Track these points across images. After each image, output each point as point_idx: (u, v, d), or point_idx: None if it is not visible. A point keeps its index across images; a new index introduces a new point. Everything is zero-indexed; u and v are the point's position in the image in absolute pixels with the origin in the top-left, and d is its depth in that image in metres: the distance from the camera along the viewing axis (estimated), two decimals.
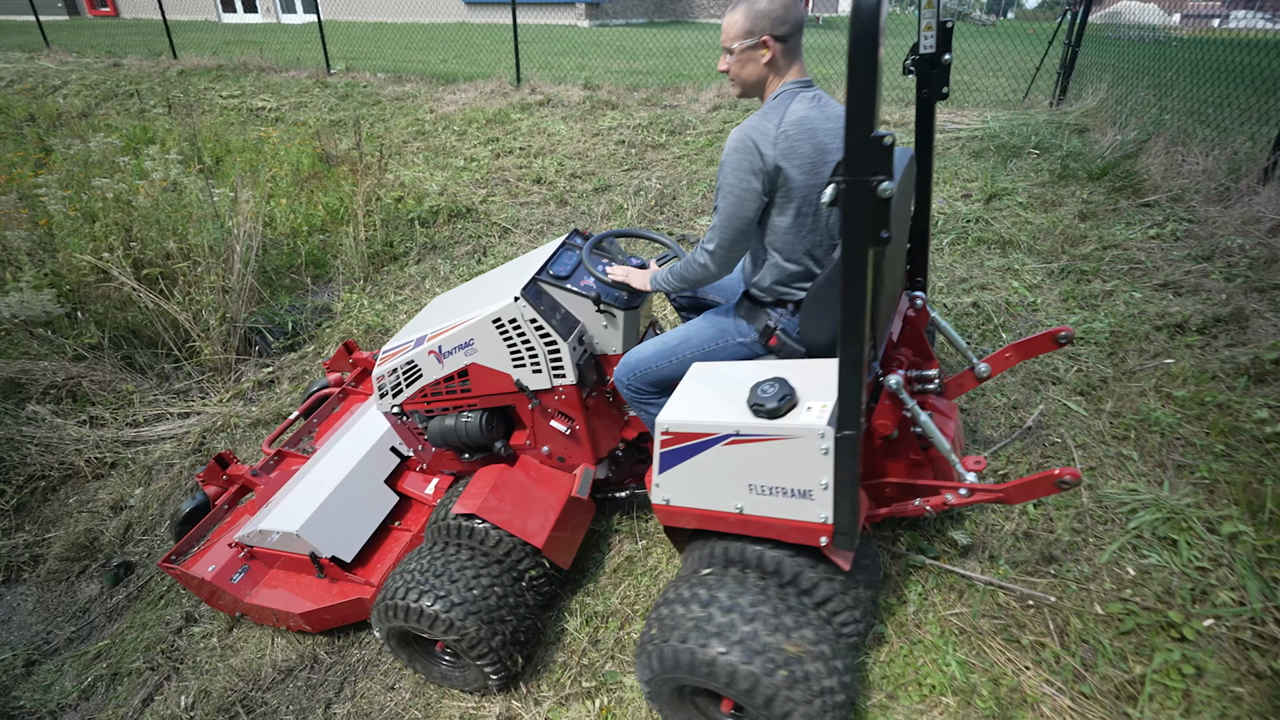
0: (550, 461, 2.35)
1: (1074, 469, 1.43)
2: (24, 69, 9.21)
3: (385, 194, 5.43)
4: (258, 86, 7.95)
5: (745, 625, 1.50)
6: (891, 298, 1.78)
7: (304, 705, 2.35)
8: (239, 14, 22.49)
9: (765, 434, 1.51)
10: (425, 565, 2.07)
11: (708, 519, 1.67)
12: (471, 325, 2.10)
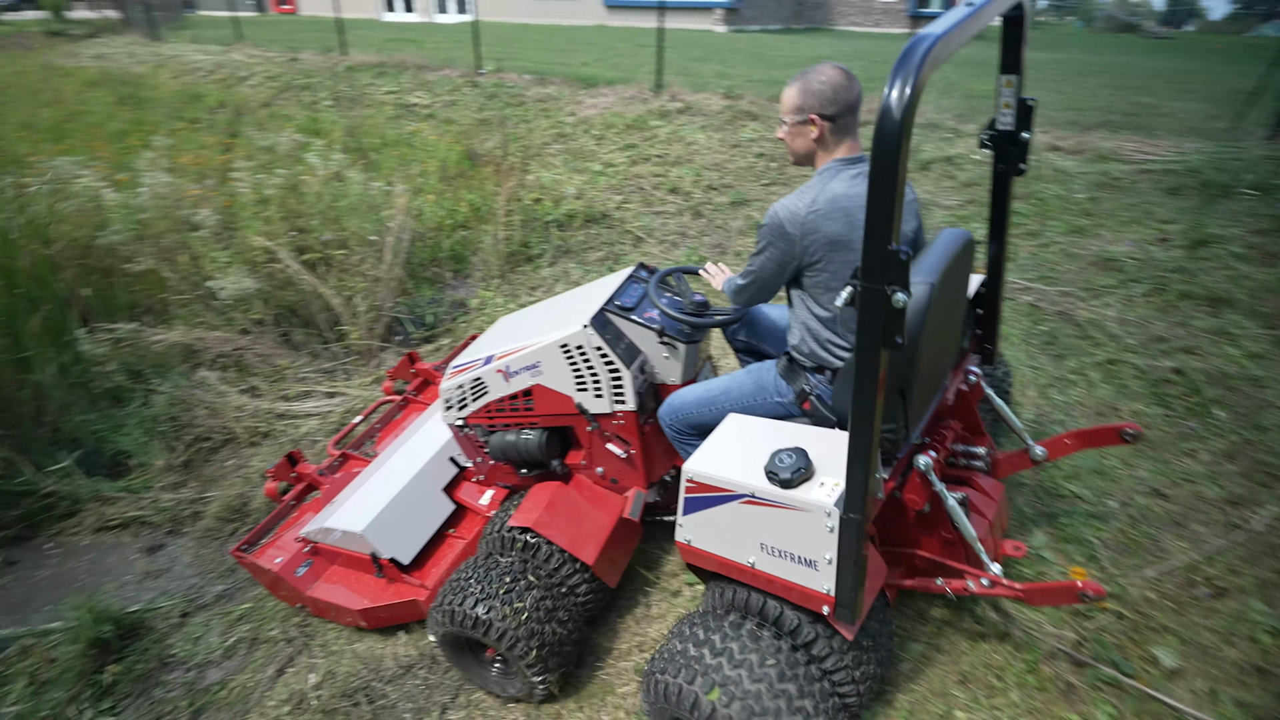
0: (603, 482, 2.45)
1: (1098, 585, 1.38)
2: (220, 60, 10.28)
3: (525, 195, 5.55)
4: (414, 83, 8.43)
5: (731, 670, 1.58)
6: (937, 377, 1.79)
7: (421, 705, 2.38)
8: (397, 12, 24.15)
9: (777, 501, 1.56)
10: (480, 573, 2.17)
11: (723, 565, 1.73)
12: (539, 349, 2.23)
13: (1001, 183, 1.86)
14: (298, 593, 2.63)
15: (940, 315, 1.59)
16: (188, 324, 4.41)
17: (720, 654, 1.62)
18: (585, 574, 2.26)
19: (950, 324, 1.78)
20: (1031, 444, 1.97)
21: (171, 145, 6.58)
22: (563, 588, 2.23)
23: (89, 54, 12.69)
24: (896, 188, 1.11)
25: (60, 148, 7.02)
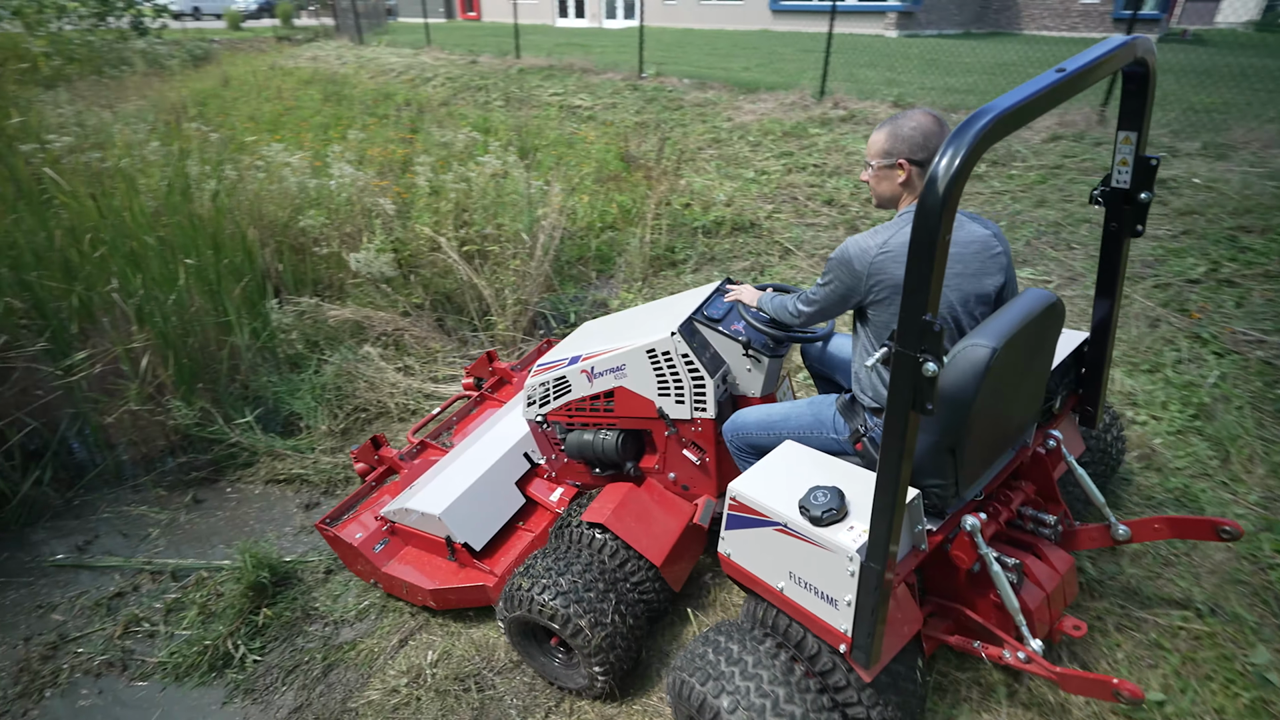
0: (674, 488, 2.50)
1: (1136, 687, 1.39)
2: (410, 62, 11.27)
3: (675, 199, 5.53)
4: (578, 86, 8.72)
5: (741, 681, 1.66)
6: (1003, 438, 1.77)
7: (526, 704, 2.39)
8: (569, 18, 25.30)
9: (806, 536, 1.58)
10: (550, 564, 2.24)
11: (756, 584, 1.76)
12: (626, 352, 2.31)
13: (1113, 243, 1.75)
14: (374, 568, 2.77)
15: (1006, 379, 1.57)
16: (359, 303, 4.82)
17: (735, 664, 1.70)
18: (651, 574, 2.32)
19: (1024, 387, 1.73)
20: (1114, 521, 1.90)
21: (362, 139, 7.28)
22: (628, 585, 2.29)
23: (306, 56, 14.42)
24: (936, 259, 1.10)
25: (275, 137, 8.00)
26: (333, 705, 2.56)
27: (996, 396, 1.58)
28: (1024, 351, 1.61)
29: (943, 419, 1.55)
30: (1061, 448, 1.91)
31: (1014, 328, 1.53)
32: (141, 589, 3.15)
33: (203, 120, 9.15)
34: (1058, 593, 1.79)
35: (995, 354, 1.47)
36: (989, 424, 1.63)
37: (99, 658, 2.80)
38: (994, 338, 1.49)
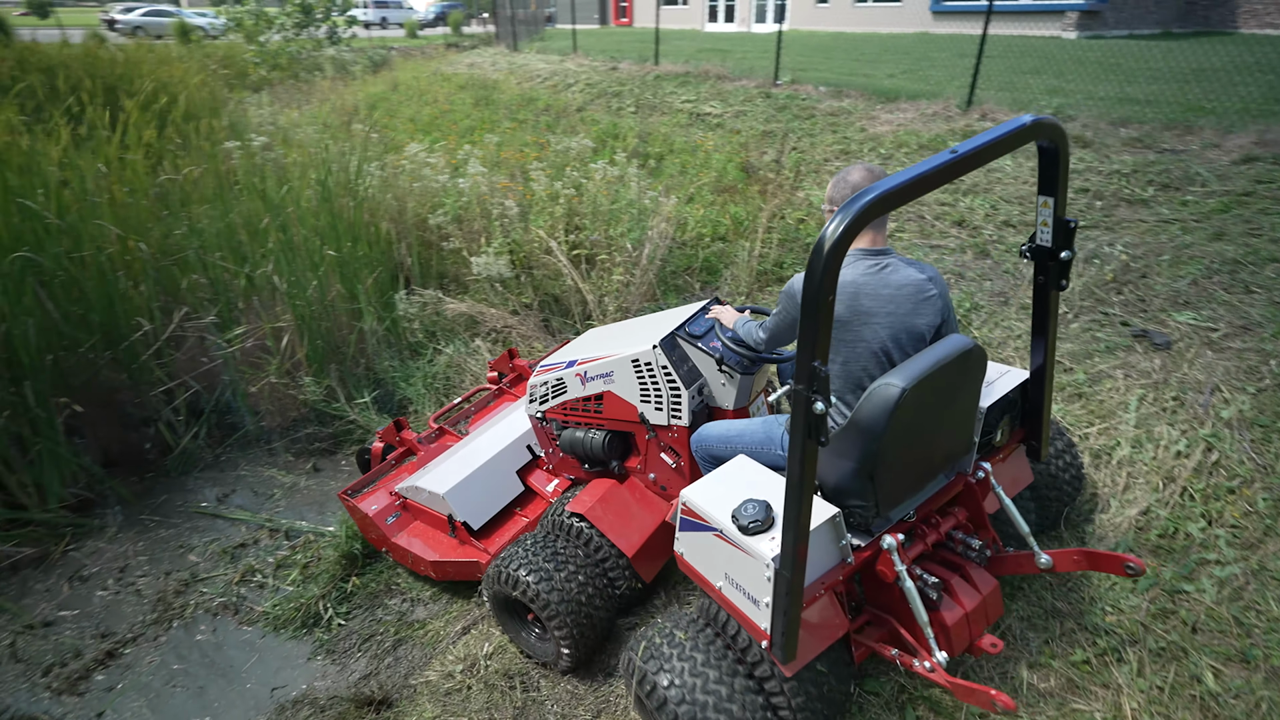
0: (653, 488, 2.69)
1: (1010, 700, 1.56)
2: (555, 69, 11.77)
3: (790, 213, 5.35)
4: (711, 93, 8.68)
5: (679, 662, 1.89)
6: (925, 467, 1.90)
7: (565, 712, 2.42)
8: (719, 23, 25.26)
9: (735, 542, 1.76)
10: (534, 546, 2.47)
11: (700, 581, 1.95)
12: (615, 360, 2.52)
13: (1042, 295, 1.86)
14: (384, 537, 3.05)
15: (919, 415, 1.71)
16: (475, 299, 5.12)
17: (676, 647, 1.93)
18: (623, 563, 2.51)
19: (946, 422, 1.87)
20: (1037, 550, 2.02)
21: (497, 142, 7.71)
22: (600, 571, 2.49)
23: (465, 63, 15.49)
24: (821, 313, 1.22)
25: (428, 139, 8.68)
26: (396, 678, 2.74)
27: (911, 430, 1.73)
28: (940, 391, 1.74)
29: (859, 448, 1.72)
30: (990, 479, 2.03)
31: (927, 369, 1.67)
32: (260, 543, 3.54)
33: (369, 121, 10.12)
34: (978, 611, 1.91)
35: (904, 393, 1.62)
36: (906, 454, 1.78)
37: (218, 599, 3.19)
38: (906, 379, 1.65)
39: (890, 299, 1.86)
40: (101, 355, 3.93)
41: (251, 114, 10.78)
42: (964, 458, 2.02)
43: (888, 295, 1.86)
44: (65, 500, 3.66)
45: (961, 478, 2.05)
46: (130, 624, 3.08)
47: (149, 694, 2.76)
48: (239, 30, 18.24)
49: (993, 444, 2.11)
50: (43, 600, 3.19)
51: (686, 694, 1.82)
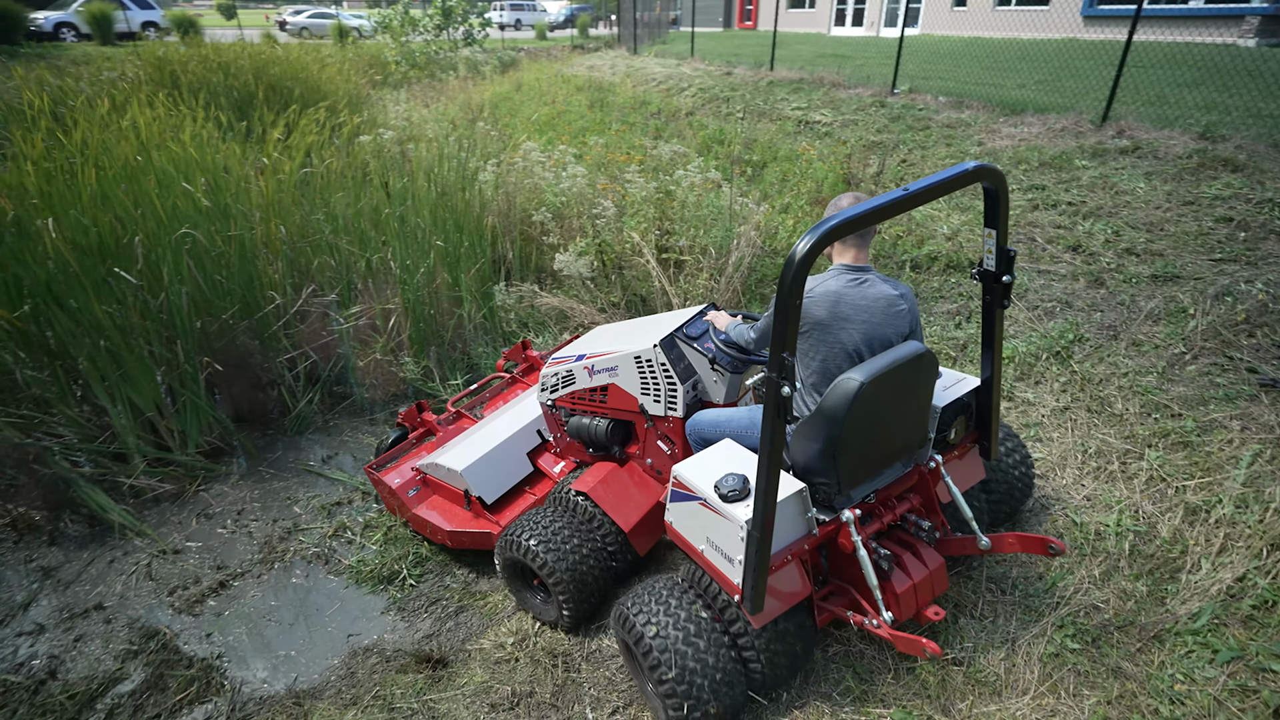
0: (650, 472, 2.94)
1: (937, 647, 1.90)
2: (671, 72, 11.94)
3: (887, 228, 5.20)
4: (822, 101, 8.52)
5: (664, 617, 2.16)
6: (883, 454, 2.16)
7: (599, 696, 2.54)
8: (846, 27, 24.54)
9: (716, 508, 2.04)
10: (541, 520, 2.77)
11: (686, 546, 2.25)
12: (619, 355, 2.80)
13: (989, 313, 2.13)
14: (405, 508, 3.37)
15: (876, 406, 1.96)
16: (566, 295, 5.35)
17: (662, 604, 2.20)
18: (620, 538, 2.78)
19: (902, 415, 2.12)
20: (979, 534, 2.26)
21: (605, 143, 7.95)
22: (600, 544, 2.78)
23: (586, 65, 15.99)
24: (790, 313, 1.49)
25: (542, 139, 9.09)
26: (455, 641, 2.96)
27: (869, 419, 1.98)
28: (895, 388, 1.99)
29: (824, 432, 1.99)
30: (941, 469, 2.30)
31: (884, 368, 1.94)
32: (353, 503, 3.90)
33: (491, 120, 10.72)
34: (925, 583, 2.18)
35: (863, 385, 1.89)
36: (865, 440, 2.04)
37: (313, 549, 3.56)
38: (865, 374, 1.91)
39: (866, 309, 2.13)
40: (239, 323, 4.47)
41: (390, 110, 11.70)
42: (919, 450, 2.31)
43: (864, 305, 2.13)
44: (201, 447, 4.20)
45: (917, 468, 2.33)
46: (241, 560, 3.50)
47: (248, 623, 3.14)
48: (387, 31, 19.79)
49: (948, 441, 2.38)
50: (175, 530, 3.69)
51: (669, 643, 2.09)
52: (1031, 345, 3.86)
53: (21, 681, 2.85)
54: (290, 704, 2.71)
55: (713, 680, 2.07)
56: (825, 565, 2.38)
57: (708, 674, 2.07)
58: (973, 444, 2.46)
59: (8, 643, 3.05)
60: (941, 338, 4.18)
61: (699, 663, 2.06)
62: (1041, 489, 3.02)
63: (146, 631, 3.08)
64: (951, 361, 4.03)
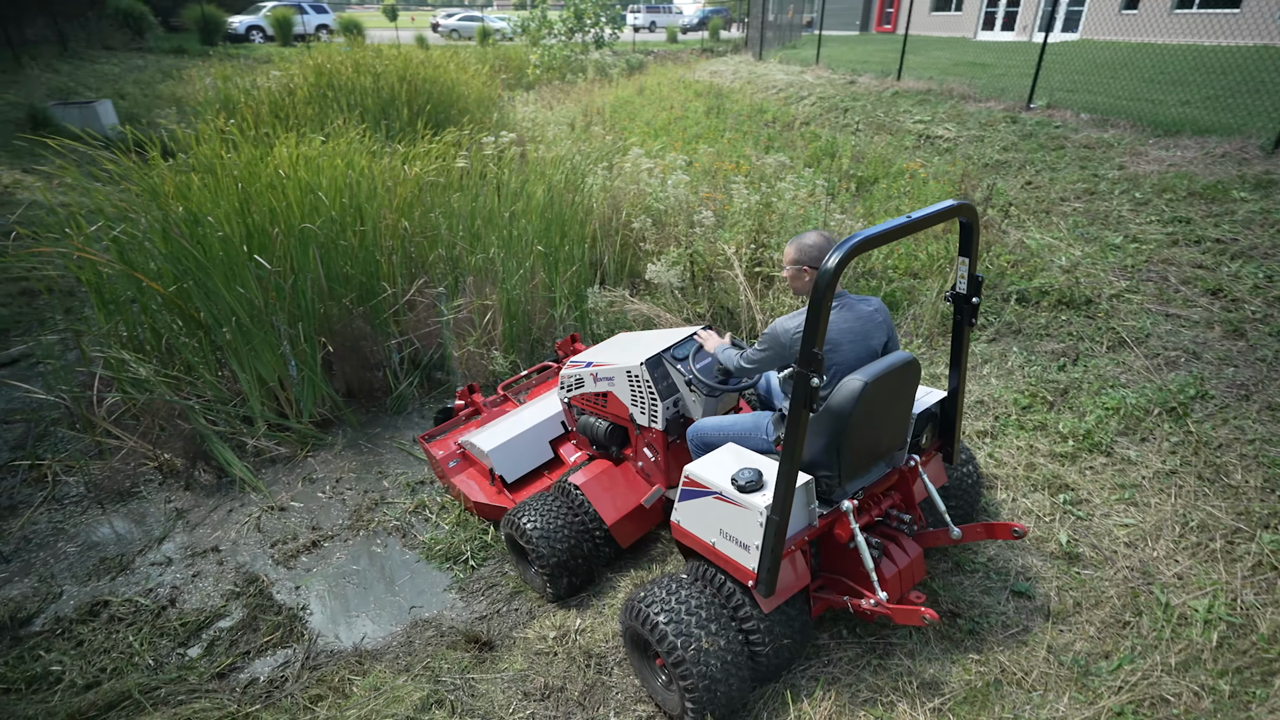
0: (640, 474, 3.25)
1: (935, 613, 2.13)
2: (792, 80, 11.72)
3: (998, 256, 4.87)
4: (949, 114, 8.06)
5: (676, 605, 2.32)
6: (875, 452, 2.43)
7: (624, 702, 2.61)
8: (995, 31, 22.90)
9: (734, 500, 2.24)
10: (539, 504, 3.11)
11: (695, 542, 2.43)
12: (615, 368, 3.11)
13: (958, 331, 2.36)
14: (445, 476, 3.78)
15: (874, 405, 2.20)
16: (655, 302, 5.45)
17: (673, 594, 2.37)
18: (603, 530, 3.09)
19: (891, 416, 2.37)
20: (952, 526, 2.50)
21: (715, 151, 7.96)
22: (587, 532, 3.08)
23: (708, 70, 16.00)
24: (822, 315, 1.74)
25: (656, 144, 9.24)
26: (504, 626, 3.15)
27: (867, 417, 2.23)
28: (889, 390, 2.26)
29: (830, 427, 2.22)
30: (919, 469, 2.56)
31: (882, 371, 2.20)
32: (434, 484, 4.21)
33: (609, 124, 11.02)
34: (908, 570, 2.44)
35: (866, 385, 2.14)
36: (862, 438, 2.28)
37: (394, 522, 3.88)
38: (867, 375, 2.17)
39: (851, 329, 2.40)
40: (356, 308, 4.93)
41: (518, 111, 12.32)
42: (900, 452, 2.57)
43: (848, 327, 2.39)
44: (313, 417, 4.68)
45: (897, 469, 2.58)
46: (333, 524, 3.88)
47: (330, 582, 3.49)
48: (524, 34, 20.79)
49: (919, 446, 2.66)
50: (283, 490, 4.15)
51: (684, 630, 2.26)
52: (1143, 397, 3.51)
53: (148, 604, 3.33)
54: (354, 661, 2.99)
55: (724, 662, 2.24)
56: (814, 562, 2.60)
57: (720, 656, 2.23)
58: (936, 450, 2.74)
59: (143, 569, 3.57)
60: (1040, 379, 3.88)
61: (712, 644, 2.23)
62: (1126, 558, 2.76)
63: (249, 576, 3.50)
64: (1048, 406, 3.74)
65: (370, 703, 2.66)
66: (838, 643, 2.67)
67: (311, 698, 2.79)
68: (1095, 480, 3.19)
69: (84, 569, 3.56)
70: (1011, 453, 3.45)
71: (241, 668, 3.03)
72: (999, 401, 3.82)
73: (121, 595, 3.37)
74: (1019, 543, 2.95)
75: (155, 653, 3.08)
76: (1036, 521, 3.04)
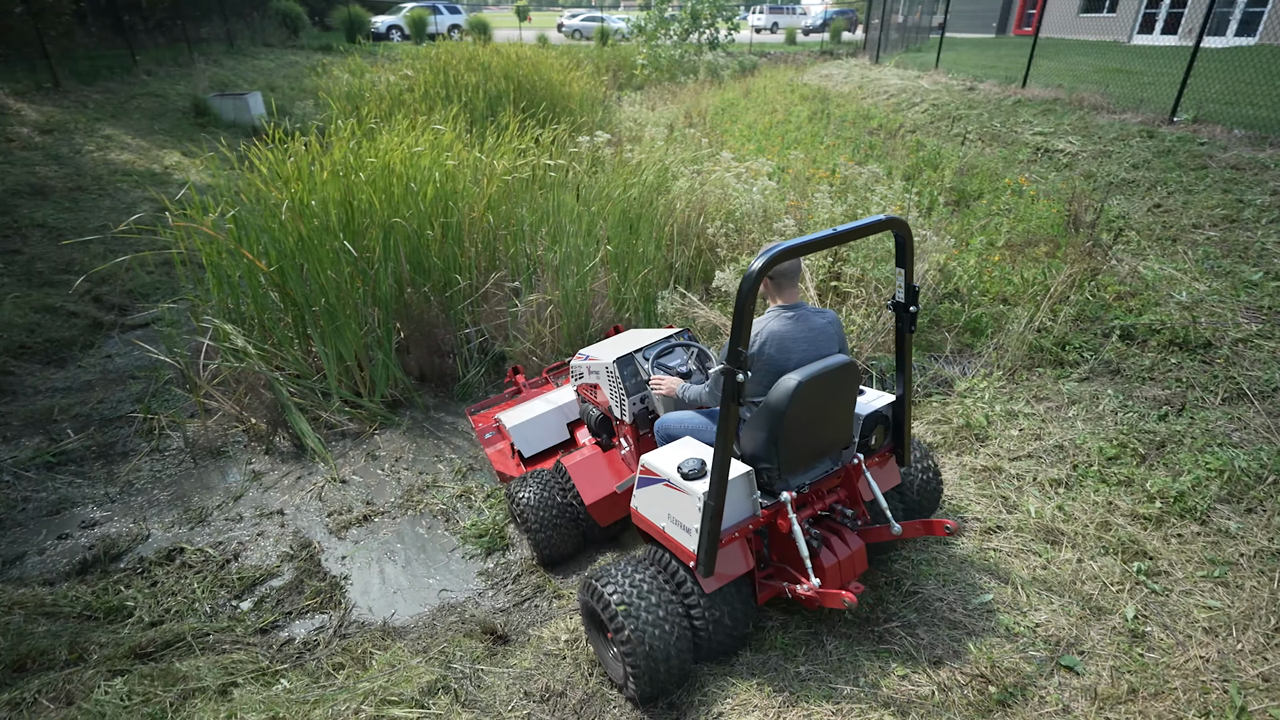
0: (624, 461, 3.47)
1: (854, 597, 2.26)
2: (906, 85, 11.11)
3: (1103, 285, 4.39)
4: (1074, 126, 7.34)
5: (624, 580, 2.53)
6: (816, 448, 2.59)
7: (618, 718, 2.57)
8: (1153, 35, 20.66)
9: (678, 486, 2.46)
10: (536, 478, 3.45)
11: (648, 526, 2.65)
12: (599, 363, 3.38)
13: (900, 338, 2.53)
14: (483, 445, 4.12)
15: (810, 404, 2.37)
16: (723, 310, 5.34)
17: (622, 572, 2.58)
18: (583, 508, 3.34)
19: (829, 415, 2.54)
20: (892, 521, 2.63)
21: (814, 158, 7.68)
22: (570, 508, 3.37)
23: (820, 73, 15.48)
24: (745, 315, 1.90)
25: (749, 148, 9.07)
26: (521, 623, 3.19)
27: (804, 414, 2.38)
28: (825, 390, 2.39)
29: (768, 423, 2.40)
30: (863, 467, 2.70)
31: (817, 372, 2.34)
32: (482, 471, 4.34)
33: (708, 126, 10.92)
34: (848, 562, 2.57)
35: (801, 384, 2.30)
36: (800, 433, 2.44)
37: (440, 505, 4.04)
38: (803, 375, 2.32)
39: (805, 338, 2.55)
40: (432, 297, 5.16)
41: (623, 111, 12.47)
42: (846, 450, 2.72)
43: (801, 336, 2.55)
44: (385, 397, 4.95)
45: (845, 467, 2.71)
46: (386, 501, 4.09)
47: (374, 555, 3.68)
48: (641, 34, 21.01)
49: (869, 447, 2.78)
50: (347, 464, 4.42)
51: (630, 603, 2.45)
52: (1257, 461, 3.05)
53: (216, 556, 3.65)
54: (379, 635, 3.13)
55: (666, 638, 2.42)
56: (767, 551, 2.76)
57: (661, 630, 2.42)
58: (890, 453, 2.86)
59: (217, 523, 3.92)
60: (1134, 429, 3.46)
61: (654, 621, 2.42)
62: (1202, 646, 2.39)
63: (303, 541, 3.75)
64: (1139, 460, 3.32)
65: (382, 679, 2.77)
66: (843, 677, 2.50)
67: (334, 664, 2.94)
68: (1181, 551, 2.80)
69: (170, 516, 3.95)
70: (1085, 508, 3.10)
71: (282, 626, 3.26)
72: (1081, 449, 3.44)
73: (195, 544, 3.71)
74: (1077, 610, 2.64)
75: (213, 601, 3.37)
76: (1102, 590, 2.71)
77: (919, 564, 3.02)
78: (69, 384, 5.28)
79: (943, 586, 2.87)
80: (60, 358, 5.66)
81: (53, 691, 2.73)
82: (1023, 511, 3.17)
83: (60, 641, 3.01)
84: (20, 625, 3.11)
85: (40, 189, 8.60)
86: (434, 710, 2.58)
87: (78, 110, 11.32)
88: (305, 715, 2.53)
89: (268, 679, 2.86)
